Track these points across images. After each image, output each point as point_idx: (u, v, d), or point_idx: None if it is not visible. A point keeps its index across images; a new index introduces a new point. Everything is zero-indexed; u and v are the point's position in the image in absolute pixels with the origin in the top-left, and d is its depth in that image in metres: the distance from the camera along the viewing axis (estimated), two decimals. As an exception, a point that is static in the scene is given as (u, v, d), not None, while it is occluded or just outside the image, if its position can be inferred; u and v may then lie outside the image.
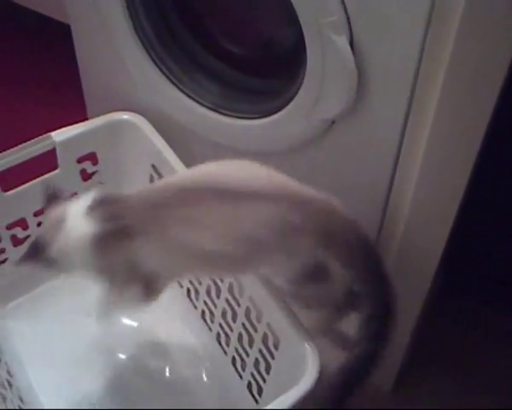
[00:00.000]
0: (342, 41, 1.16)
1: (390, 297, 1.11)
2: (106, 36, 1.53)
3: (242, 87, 1.49)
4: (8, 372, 1.45)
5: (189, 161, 1.46)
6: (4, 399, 1.32)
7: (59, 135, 1.52)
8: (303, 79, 1.28)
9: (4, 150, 1.47)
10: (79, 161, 1.59)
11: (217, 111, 1.47)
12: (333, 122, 1.30)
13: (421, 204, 1.29)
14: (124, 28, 1.47)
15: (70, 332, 1.56)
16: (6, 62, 2.32)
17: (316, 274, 1.13)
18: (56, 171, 1.55)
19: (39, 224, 1.54)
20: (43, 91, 2.20)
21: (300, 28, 1.21)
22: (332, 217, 1.12)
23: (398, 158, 1.27)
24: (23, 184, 1.53)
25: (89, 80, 1.76)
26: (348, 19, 1.15)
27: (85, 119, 1.67)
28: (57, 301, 1.61)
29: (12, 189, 1.52)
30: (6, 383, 1.39)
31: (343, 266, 1.11)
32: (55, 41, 2.20)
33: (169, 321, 1.57)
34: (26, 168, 1.50)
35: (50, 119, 1.66)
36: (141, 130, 1.56)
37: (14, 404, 1.36)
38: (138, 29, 1.48)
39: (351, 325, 1.15)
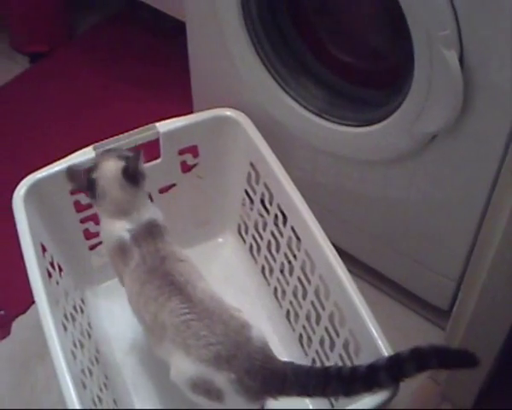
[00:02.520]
0: (452, 56, 1.16)
1: None
2: (218, 34, 1.57)
3: (347, 95, 1.50)
4: (97, 349, 1.50)
5: (287, 163, 1.49)
6: (91, 374, 1.37)
7: (163, 126, 1.57)
8: (408, 91, 1.28)
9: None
10: (181, 152, 1.63)
11: (320, 116, 1.49)
12: (434, 136, 1.30)
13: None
14: (236, 28, 1.50)
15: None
16: (122, 54, 2.40)
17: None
18: (158, 160, 1.60)
19: None
20: (154, 84, 2.25)
21: (410, 40, 1.21)
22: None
23: (496, 178, 1.25)
24: None
25: (198, 76, 1.80)
26: (460, 34, 1.15)
27: (191, 113, 1.71)
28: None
29: None
30: (94, 360, 1.44)
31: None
32: (169, 36, 2.30)
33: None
34: None
35: (158, 110, 1.69)
36: (242, 127, 1.59)
37: (99, 380, 1.40)
38: (250, 30, 1.51)
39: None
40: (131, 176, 1.36)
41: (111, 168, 1.37)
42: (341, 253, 1.36)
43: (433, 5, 1.14)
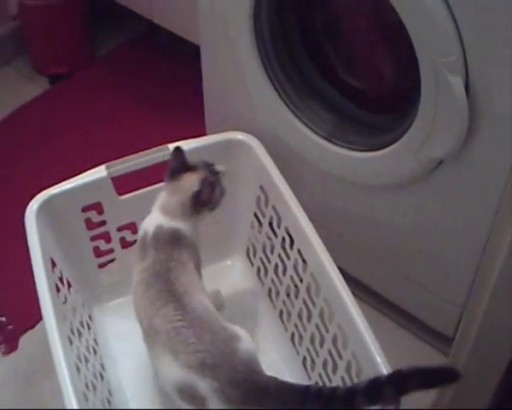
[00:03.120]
0: (457, 82, 1.17)
1: None
2: (231, 58, 1.60)
3: (356, 119, 1.52)
4: (102, 365, 1.51)
5: (296, 187, 1.51)
6: (95, 389, 1.38)
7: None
8: (415, 116, 1.29)
9: (125, 157, 1.56)
10: (192, 174, 1.64)
11: (329, 140, 1.50)
12: (440, 162, 1.31)
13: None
14: (248, 51, 1.52)
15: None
16: (140, 77, 2.45)
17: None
18: None
19: None
20: (168, 106, 2.30)
21: (417, 67, 1.23)
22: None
23: (500, 203, 1.26)
24: (137, 190, 1.60)
25: (210, 99, 1.82)
26: (465, 60, 1.17)
27: (204, 135, 1.73)
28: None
29: (126, 193, 1.60)
30: (98, 375, 1.45)
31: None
32: (186, 61, 2.33)
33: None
34: (141, 176, 1.58)
35: (173, 132, 1.71)
36: (253, 151, 1.62)
37: (103, 396, 1.41)
38: (263, 54, 1.53)
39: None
40: (197, 204, 1.41)
41: (188, 183, 1.41)
42: (347, 276, 1.37)
43: (439, 31, 1.16)
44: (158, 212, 1.42)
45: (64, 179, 1.54)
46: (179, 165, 1.44)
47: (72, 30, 2.42)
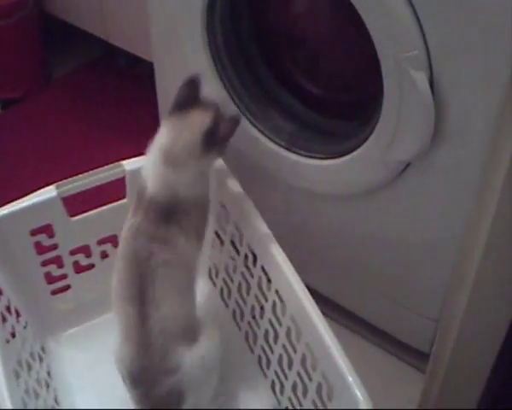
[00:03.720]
0: (421, 78, 1.11)
1: None
2: (185, 71, 1.51)
3: (317, 127, 1.45)
4: (56, 399, 1.41)
5: (260, 201, 1.43)
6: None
7: (130, 164, 1.50)
8: (378, 119, 1.23)
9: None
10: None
11: (289, 149, 1.43)
12: (407, 165, 1.25)
13: (492, 262, 1.20)
14: (205, 65, 1.46)
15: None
16: (97, 100, 2.38)
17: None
18: (124, 200, 1.52)
19: (103, 253, 1.55)
20: (126, 129, 2.23)
21: (379, 67, 1.16)
22: None
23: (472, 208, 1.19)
24: (90, 210, 1.52)
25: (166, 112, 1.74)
26: (429, 55, 1.10)
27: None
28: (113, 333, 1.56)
29: (79, 214, 1.51)
30: (51, 410, 1.36)
31: None
32: (145, 83, 2.23)
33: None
34: (94, 195, 1.49)
35: (130, 155, 1.65)
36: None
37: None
38: (218, 65, 1.47)
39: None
40: (210, 141, 1.25)
41: (199, 120, 1.26)
42: (315, 294, 1.29)
43: (399, 25, 1.10)
44: (159, 161, 1.25)
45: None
46: (189, 99, 1.28)
47: (24, 53, 2.34)
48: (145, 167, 1.30)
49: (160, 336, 1.22)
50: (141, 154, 1.54)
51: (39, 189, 1.47)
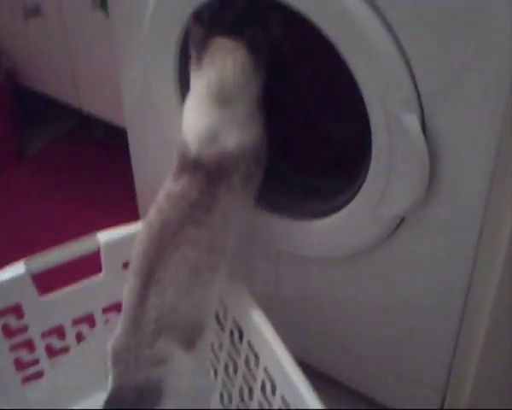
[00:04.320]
0: (412, 120, 1.02)
1: None
2: (160, 138, 1.47)
3: (300, 186, 1.38)
4: None
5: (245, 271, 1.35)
6: None
7: (104, 236, 1.42)
8: (367, 170, 1.14)
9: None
10: (126, 265, 1.43)
11: (272, 211, 1.34)
12: (402, 219, 1.16)
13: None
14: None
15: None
16: (73, 174, 2.33)
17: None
18: (99, 275, 1.44)
19: (78, 334, 1.46)
20: (102, 202, 2.18)
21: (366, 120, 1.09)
22: None
23: (475, 262, 1.09)
24: (62, 287, 1.42)
25: (141, 183, 1.72)
26: (419, 96, 1.02)
27: (137, 222, 1.58)
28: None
29: (50, 292, 1.41)
30: None
31: None
32: (120, 152, 2.20)
33: None
34: (67, 271, 1.39)
35: (105, 226, 1.56)
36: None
37: None
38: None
39: None
40: (259, 45, 1.15)
41: (232, 42, 1.16)
42: (310, 370, 1.20)
43: (384, 63, 1.02)
44: (209, 105, 1.14)
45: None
46: (207, 33, 1.18)
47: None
48: (186, 126, 1.19)
49: (154, 323, 1.14)
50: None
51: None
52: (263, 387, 1.27)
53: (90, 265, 1.42)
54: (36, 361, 1.45)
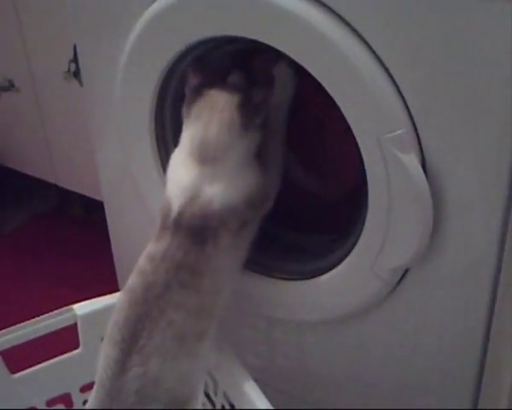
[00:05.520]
0: (411, 161, 0.95)
1: None
2: (142, 210, 1.41)
3: (290, 244, 1.30)
4: None
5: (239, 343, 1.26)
6: None
7: (82, 308, 1.33)
8: (363, 223, 1.06)
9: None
10: (104, 339, 1.37)
11: (261, 273, 1.25)
12: (405, 272, 1.07)
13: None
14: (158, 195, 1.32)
15: None
16: (48, 252, 2.27)
17: None
18: (77, 351, 1.34)
19: None
20: (80, 280, 2.11)
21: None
22: None
23: (491, 314, 1.00)
24: (35, 364, 1.33)
25: (121, 259, 1.65)
26: (417, 133, 0.95)
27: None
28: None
29: (21, 370, 1.32)
30: None
31: None
32: (99, 229, 2.16)
33: None
34: (41, 347, 1.32)
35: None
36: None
37: None
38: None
39: None
40: (248, 111, 1.07)
41: (225, 96, 1.09)
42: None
43: (378, 102, 0.95)
44: (192, 162, 1.08)
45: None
46: (203, 85, 1.11)
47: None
48: (170, 182, 1.13)
49: (135, 395, 1.05)
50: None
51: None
52: None
53: (66, 340, 1.33)
54: (7, 449, 1.34)
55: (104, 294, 1.65)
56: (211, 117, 1.08)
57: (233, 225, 1.08)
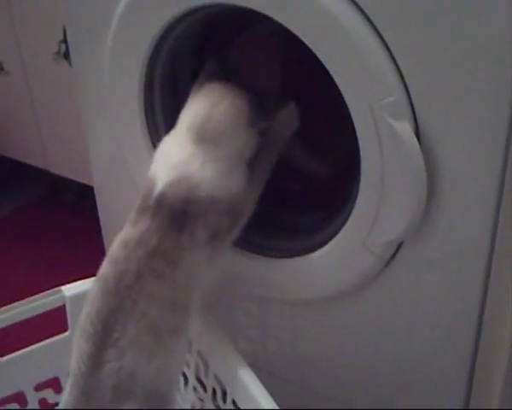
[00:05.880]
0: (404, 128, 0.92)
1: None
2: (130, 195, 1.34)
3: (280, 222, 1.26)
4: None
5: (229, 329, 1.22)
6: None
7: (70, 289, 1.31)
8: (355, 198, 1.04)
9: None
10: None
11: (252, 252, 1.23)
12: (399, 246, 1.03)
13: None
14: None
15: None
16: (43, 240, 2.26)
17: None
18: (66, 334, 1.32)
19: (42, 401, 1.34)
20: (72, 267, 2.00)
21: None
22: None
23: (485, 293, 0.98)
24: (23, 348, 1.31)
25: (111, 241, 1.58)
26: (410, 100, 0.92)
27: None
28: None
29: (10, 353, 1.30)
30: None
31: None
32: (91, 216, 2.14)
33: None
34: (29, 329, 1.29)
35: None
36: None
37: None
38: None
39: None
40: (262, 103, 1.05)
41: (237, 86, 1.07)
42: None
43: (369, 68, 0.92)
44: (187, 141, 1.04)
45: None
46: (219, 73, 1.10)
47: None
48: (157, 161, 1.08)
49: (111, 391, 1.00)
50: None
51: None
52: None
53: (55, 322, 1.31)
54: (-6, 432, 1.33)
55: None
56: (222, 98, 1.05)
57: (213, 223, 1.03)
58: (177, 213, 1.01)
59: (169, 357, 1.04)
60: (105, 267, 1.04)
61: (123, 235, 1.05)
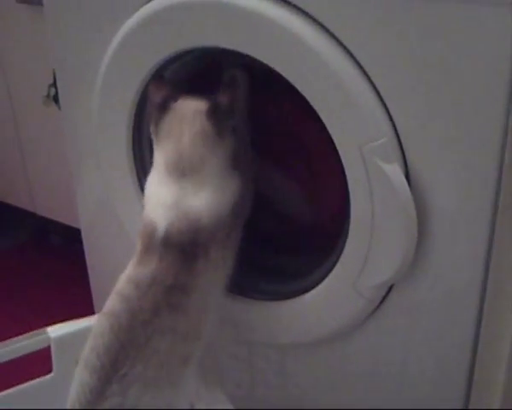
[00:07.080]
0: (394, 171, 0.92)
1: None
2: (117, 237, 1.38)
3: (265, 265, 1.25)
4: None
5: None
6: None
7: (56, 330, 1.28)
8: (346, 238, 1.03)
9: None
10: (79, 363, 1.32)
11: (241, 295, 1.22)
12: (390, 288, 1.03)
13: None
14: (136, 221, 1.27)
15: None
16: (27, 285, 2.23)
17: None
18: (50, 375, 1.29)
19: None
20: (58, 311, 2.01)
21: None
22: None
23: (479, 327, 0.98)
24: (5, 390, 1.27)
25: (98, 288, 1.63)
26: (400, 144, 0.93)
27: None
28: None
29: None
30: None
31: None
32: (78, 259, 2.13)
33: None
34: (11, 371, 1.27)
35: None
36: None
37: None
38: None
39: None
40: (218, 114, 1.03)
41: (192, 104, 1.06)
42: None
43: (359, 111, 0.93)
44: (168, 180, 1.04)
45: None
46: (167, 95, 1.08)
47: None
48: (150, 204, 1.08)
49: None
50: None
51: None
52: None
53: (39, 364, 1.28)
54: None
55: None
56: (182, 130, 1.05)
57: (221, 236, 1.04)
58: (188, 247, 1.02)
59: (174, 390, 1.04)
60: (115, 305, 1.04)
61: (131, 274, 1.05)
